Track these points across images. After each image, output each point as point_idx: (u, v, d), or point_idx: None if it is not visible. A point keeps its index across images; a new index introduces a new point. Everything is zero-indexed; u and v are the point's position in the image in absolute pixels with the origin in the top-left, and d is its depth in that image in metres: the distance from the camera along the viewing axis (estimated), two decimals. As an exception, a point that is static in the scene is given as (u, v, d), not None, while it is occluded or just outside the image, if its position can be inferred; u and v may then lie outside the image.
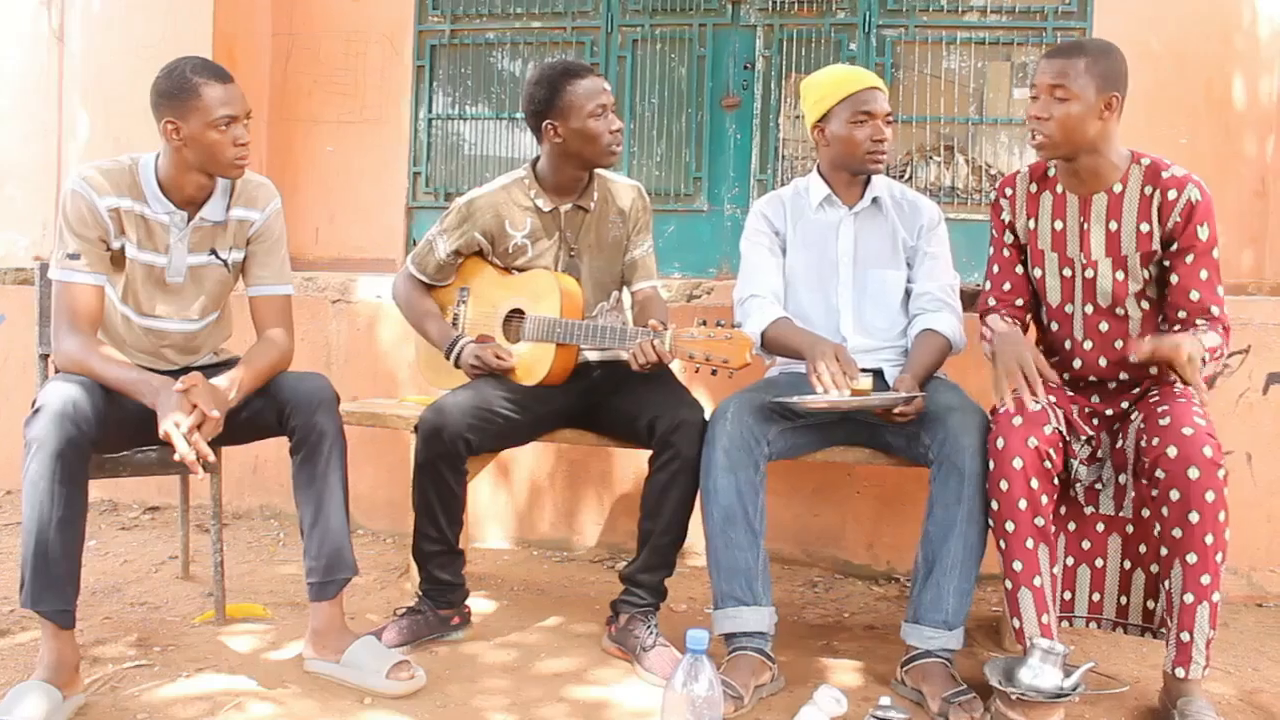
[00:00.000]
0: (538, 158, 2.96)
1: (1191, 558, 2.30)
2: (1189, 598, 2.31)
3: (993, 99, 4.34)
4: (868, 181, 2.93)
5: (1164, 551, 2.37)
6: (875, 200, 2.92)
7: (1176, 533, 2.31)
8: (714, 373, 2.55)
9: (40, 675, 2.26)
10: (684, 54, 4.54)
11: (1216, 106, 4.07)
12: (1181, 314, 2.51)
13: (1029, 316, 2.78)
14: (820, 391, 2.52)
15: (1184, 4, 4.08)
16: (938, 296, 2.86)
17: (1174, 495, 2.30)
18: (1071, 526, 2.60)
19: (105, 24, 4.61)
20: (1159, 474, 2.33)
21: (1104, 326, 2.62)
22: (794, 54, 4.41)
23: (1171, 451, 2.31)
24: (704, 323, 2.56)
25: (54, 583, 2.28)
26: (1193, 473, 2.28)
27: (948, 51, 4.33)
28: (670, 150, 4.57)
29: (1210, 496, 2.27)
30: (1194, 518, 2.28)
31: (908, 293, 2.92)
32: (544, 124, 2.83)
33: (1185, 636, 2.33)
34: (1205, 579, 2.29)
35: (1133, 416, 2.53)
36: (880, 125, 2.81)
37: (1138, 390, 2.60)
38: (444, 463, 2.68)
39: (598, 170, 2.98)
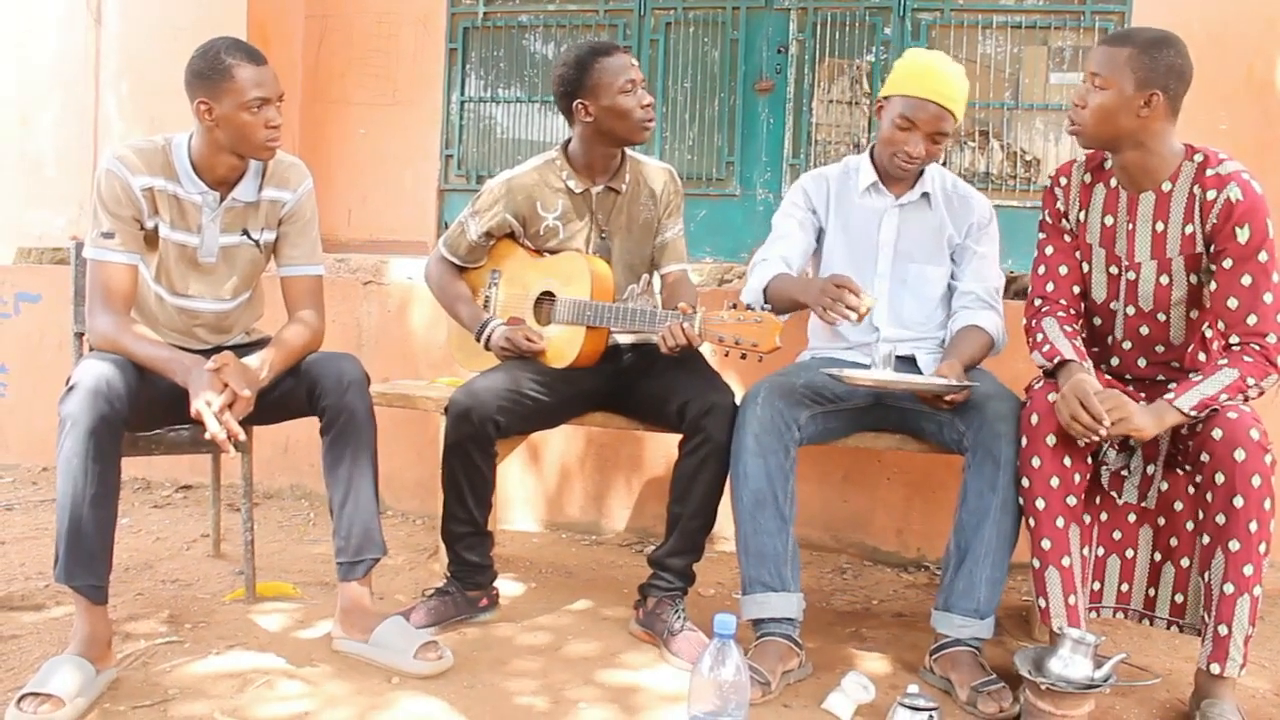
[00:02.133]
0: (569, 140, 2.95)
1: (1234, 545, 2.24)
2: (1229, 588, 2.26)
3: (1029, 84, 4.29)
4: (921, 172, 2.85)
5: (1205, 540, 2.32)
6: (925, 194, 2.85)
7: (1220, 519, 2.27)
8: (743, 356, 2.53)
9: (73, 649, 2.28)
10: (717, 37, 4.52)
11: (1258, 91, 4.01)
12: (1220, 324, 2.41)
13: (1083, 305, 2.65)
14: (852, 316, 2.44)
15: (1224, -13, 4.02)
16: (982, 297, 2.82)
17: (1219, 479, 2.26)
18: (1104, 517, 2.57)
19: (142, 5, 4.65)
20: (1204, 457, 2.29)
21: (1144, 330, 2.55)
22: (828, 38, 4.37)
23: (1217, 434, 2.26)
24: (734, 306, 2.54)
25: (87, 558, 2.30)
26: (1239, 454, 2.23)
27: (983, 36, 4.29)
28: (702, 134, 4.56)
29: (1256, 481, 2.22)
30: (1238, 502, 2.23)
31: (949, 289, 2.88)
32: (574, 104, 2.81)
33: (1223, 630, 2.27)
34: (1248, 569, 2.24)
35: None
36: (918, 138, 2.70)
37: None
38: (473, 444, 2.68)
39: (630, 153, 2.96)
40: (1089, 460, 2.45)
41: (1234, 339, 2.37)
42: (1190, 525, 2.48)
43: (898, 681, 2.51)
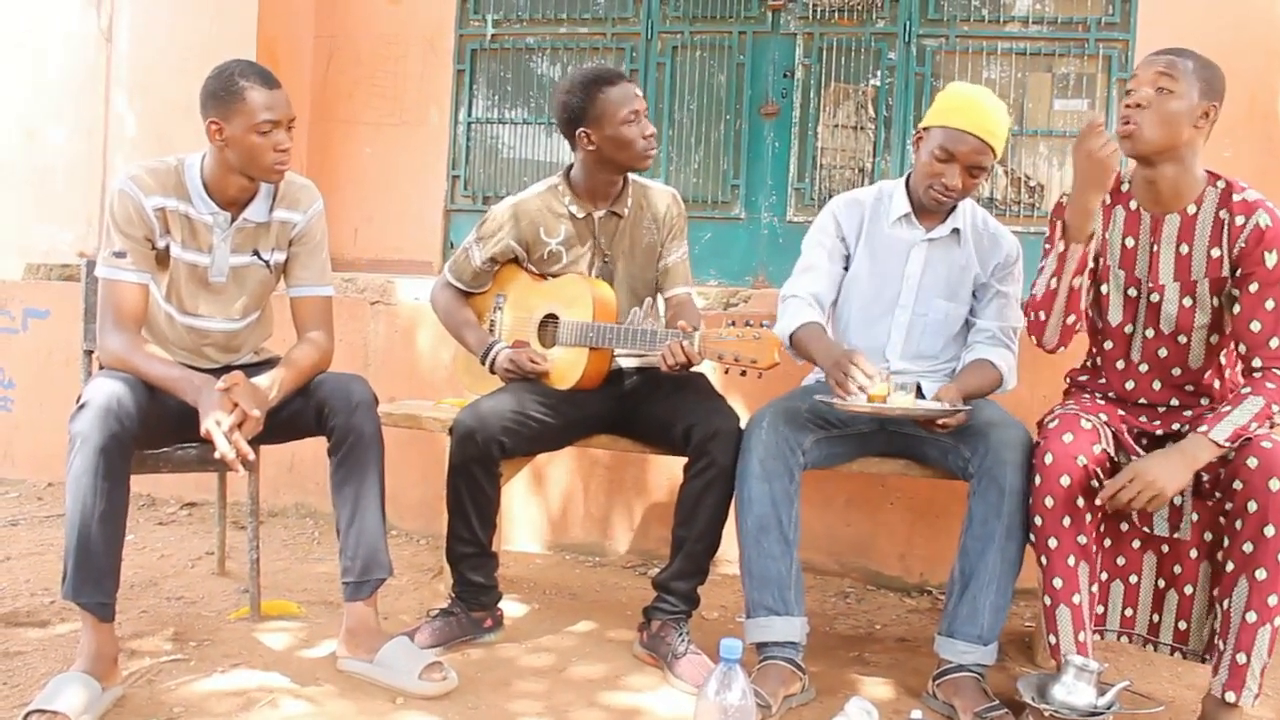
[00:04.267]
0: (571, 165, 2.97)
1: (1261, 573, 2.24)
2: (1252, 616, 2.26)
3: (1033, 110, 4.31)
4: (953, 208, 2.84)
5: (1229, 567, 2.30)
6: (956, 230, 2.84)
7: (1247, 547, 2.26)
8: (743, 373, 2.53)
9: (80, 666, 2.29)
10: (723, 61, 4.54)
11: (1260, 120, 4.02)
12: (1242, 348, 2.43)
13: (1098, 326, 2.67)
14: (861, 397, 2.45)
15: (1227, 16, 4.03)
16: (998, 335, 2.81)
17: (1251, 507, 2.25)
18: (1107, 542, 2.57)
19: (152, 24, 4.68)
20: (1236, 485, 2.28)
21: (1163, 352, 2.55)
22: (834, 62, 4.40)
23: (1252, 462, 2.26)
24: (733, 323, 2.54)
25: (95, 575, 2.31)
26: (1274, 484, 2.23)
27: (988, 62, 4.31)
28: (708, 158, 4.57)
29: None
30: (1269, 531, 2.23)
31: (967, 324, 2.88)
32: (577, 132, 2.83)
33: (1241, 659, 2.27)
34: (1272, 599, 2.24)
35: None
36: (956, 170, 2.69)
37: (1190, 414, 2.50)
38: (478, 465, 2.70)
39: (633, 177, 2.98)
40: (1100, 500, 2.45)
41: (1256, 362, 2.39)
42: (1194, 553, 2.48)
43: (901, 707, 2.51)
